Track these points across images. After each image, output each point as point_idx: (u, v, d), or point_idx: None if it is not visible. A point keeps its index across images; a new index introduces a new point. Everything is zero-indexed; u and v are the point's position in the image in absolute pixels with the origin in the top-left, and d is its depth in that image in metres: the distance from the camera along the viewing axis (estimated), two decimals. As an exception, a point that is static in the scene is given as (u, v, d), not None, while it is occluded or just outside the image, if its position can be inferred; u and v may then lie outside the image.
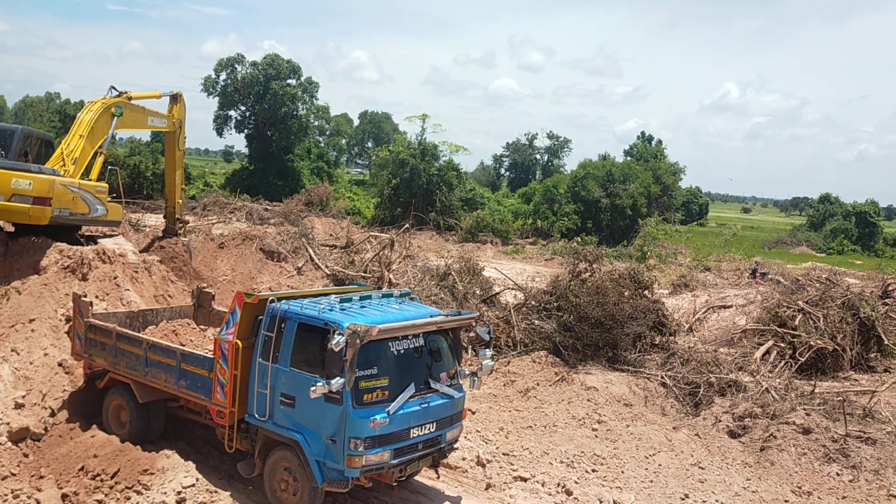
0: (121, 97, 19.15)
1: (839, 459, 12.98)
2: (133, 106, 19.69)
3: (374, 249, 25.41)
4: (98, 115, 18.42)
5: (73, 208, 16.88)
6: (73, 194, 16.74)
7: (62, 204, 16.41)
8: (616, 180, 60.36)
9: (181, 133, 21.98)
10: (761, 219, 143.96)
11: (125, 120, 19.26)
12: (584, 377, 16.18)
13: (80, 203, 17.17)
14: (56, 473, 10.83)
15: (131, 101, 19.48)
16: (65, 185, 16.55)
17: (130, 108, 19.54)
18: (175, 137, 21.84)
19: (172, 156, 22.38)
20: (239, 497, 10.30)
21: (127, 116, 19.23)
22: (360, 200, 65.84)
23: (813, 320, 19.49)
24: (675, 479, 12.39)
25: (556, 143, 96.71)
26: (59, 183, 16.29)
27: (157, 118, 21.08)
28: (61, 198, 16.38)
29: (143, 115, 20.33)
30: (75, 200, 16.86)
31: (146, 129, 21.24)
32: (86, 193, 17.28)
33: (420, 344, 10.23)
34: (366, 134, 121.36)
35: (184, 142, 22.28)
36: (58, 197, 16.24)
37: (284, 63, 65.97)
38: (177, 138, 21.83)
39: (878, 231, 77.91)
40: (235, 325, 10.29)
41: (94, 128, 18.28)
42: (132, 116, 19.69)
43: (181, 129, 21.86)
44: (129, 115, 19.44)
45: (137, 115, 20.05)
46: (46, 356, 13.54)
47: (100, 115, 18.45)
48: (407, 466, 10.06)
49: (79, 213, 17.29)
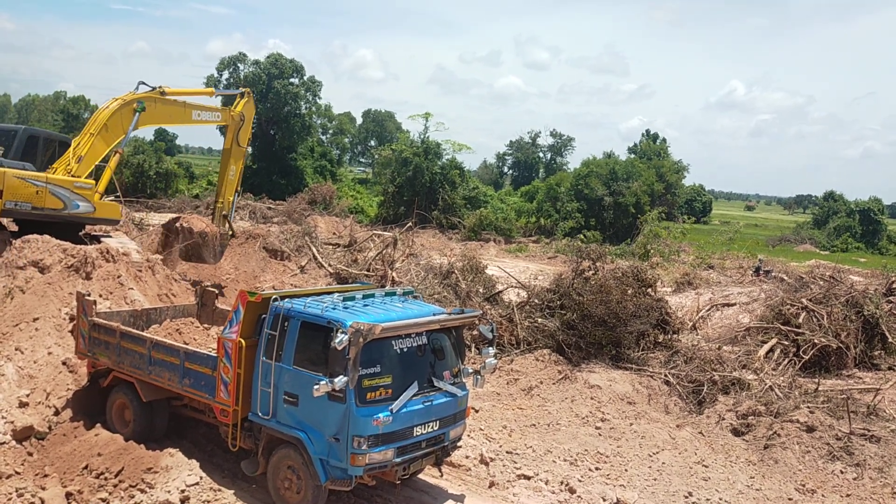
0: (153, 92, 18.92)
1: (843, 457, 12.96)
2: (168, 100, 19.37)
3: (377, 248, 25.41)
4: (113, 113, 18.22)
5: (36, 202, 16.88)
6: (35, 188, 16.71)
7: (18, 197, 16.51)
8: (619, 178, 60.31)
9: (244, 128, 21.58)
10: (765, 216, 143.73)
11: (155, 115, 19.05)
12: (587, 375, 16.17)
13: (50, 198, 17.14)
14: (60, 472, 10.85)
15: (165, 95, 19.18)
16: (22, 178, 16.60)
17: (164, 103, 19.21)
18: (234, 132, 21.44)
19: (228, 149, 21.80)
20: (242, 495, 10.32)
21: (158, 111, 18.99)
22: (363, 199, 65.86)
23: (817, 318, 19.44)
24: (678, 477, 12.38)
25: (560, 141, 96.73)
26: (12, 175, 16.38)
27: (207, 112, 20.83)
28: (18, 191, 16.49)
29: (185, 110, 20.09)
30: (41, 195, 16.83)
31: (192, 124, 20.60)
32: (58, 189, 17.25)
33: (423, 342, 10.23)
34: (369, 132, 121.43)
35: (246, 139, 21.86)
36: (11, 189, 16.32)
37: (287, 62, 66.06)
38: (235, 133, 21.40)
39: (882, 228, 77.69)
40: (239, 324, 10.30)
41: (109, 125, 18.14)
42: (166, 111, 19.43)
43: (243, 124, 21.45)
44: (163, 110, 19.20)
45: (174, 109, 19.76)
46: (50, 355, 13.57)
47: (115, 112, 18.24)
48: (410, 465, 10.07)
49: (48, 209, 17.22)
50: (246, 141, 21.79)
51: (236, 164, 21.60)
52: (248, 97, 21.86)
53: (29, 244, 16.47)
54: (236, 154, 21.55)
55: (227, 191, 21.57)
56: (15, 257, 16.19)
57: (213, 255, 20.72)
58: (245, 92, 21.99)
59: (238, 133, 21.32)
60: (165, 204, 41.46)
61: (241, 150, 21.74)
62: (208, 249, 20.42)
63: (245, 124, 21.41)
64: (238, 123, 21.28)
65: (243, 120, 21.30)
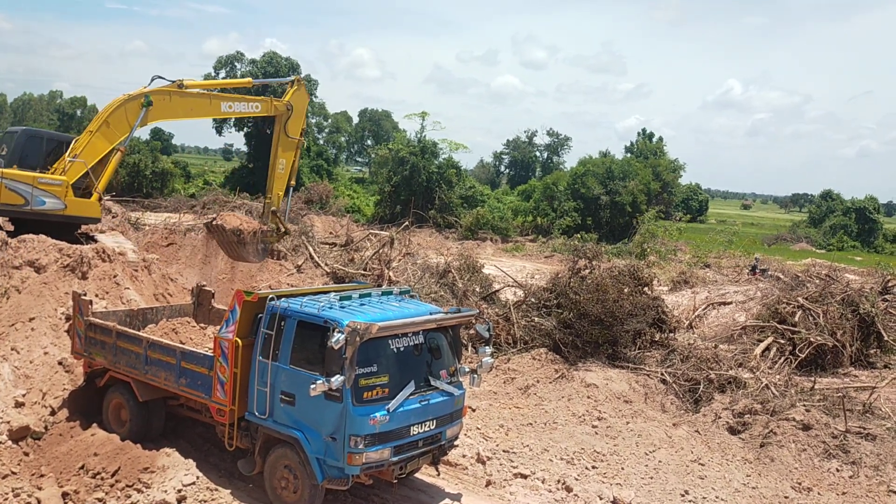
0: (170, 86, 18.15)
1: (839, 455, 12.99)
2: (186, 93, 18.46)
3: (374, 247, 25.39)
4: (115, 109, 17.77)
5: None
6: None
7: None
8: (616, 177, 60.36)
9: (293, 119, 19.73)
10: (761, 215, 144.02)
11: (171, 109, 18.33)
12: (583, 374, 16.18)
13: (6, 193, 17.06)
14: (56, 472, 10.84)
15: (183, 88, 18.30)
16: None
17: (181, 96, 18.33)
18: (282, 123, 19.70)
19: (276, 141, 20.00)
20: (239, 495, 10.31)
21: (174, 105, 18.24)
22: (359, 198, 65.85)
23: (813, 317, 19.50)
24: (675, 475, 12.40)
25: (556, 140, 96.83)
26: None
27: (242, 103, 19.54)
28: None
29: (211, 102, 18.98)
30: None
31: (222, 116, 20.96)
32: (17, 184, 17.16)
33: (420, 341, 10.23)
34: (365, 132, 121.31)
35: (298, 129, 19.94)
36: None
37: (283, 61, 65.95)
38: (283, 123, 19.62)
39: (878, 227, 77.96)
40: (235, 324, 10.30)
41: (111, 121, 17.73)
42: (185, 104, 18.54)
43: (292, 114, 19.71)
44: (180, 104, 18.38)
45: (196, 102, 18.76)
46: (46, 355, 13.54)
47: (117, 107, 17.77)
48: (407, 464, 10.08)
49: (6, 204, 17.19)
50: (298, 131, 19.95)
51: (286, 156, 19.76)
52: (299, 85, 20.23)
53: (25, 244, 16.43)
54: (285, 146, 19.78)
55: (276, 185, 19.82)
56: (11, 257, 16.14)
57: (255, 254, 19.28)
58: (295, 80, 20.32)
59: (286, 124, 19.60)
60: (161, 203, 41.33)
61: (291, 142, 19.91)
62: (247, 248, 19.01)
63: (295, 114, 19.72)
64: (286, 114, 19.63)
65: (291, 110, 19.65)
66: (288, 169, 19.73)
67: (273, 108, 19.57)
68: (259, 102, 19.65)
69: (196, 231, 26.75)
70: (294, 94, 19.89)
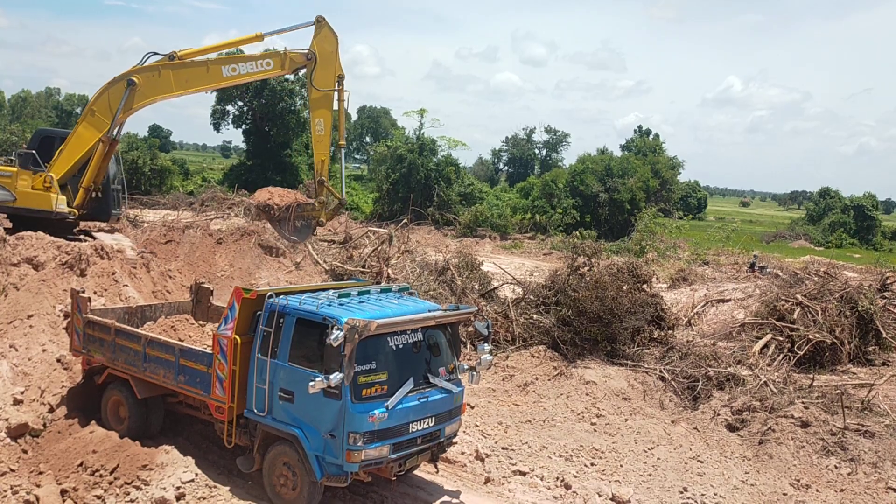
0: (161, 60, 16.58)
1: (837, 452, 13.01)
2: (179, 65, 16.47)
3: (373, 245, 25.38)
4: (99, 96, 16.87)
5: None
6: None
7: None
8: (615, 174, 60.32)
9: (319, 67, 16.15)
10: (760, 213, 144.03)
11: (163, 86, 16.54)
12: (582, 371, 16.20)
13: None
14: (55, 469, 10.84)
15: (175, 59, 16.44)
16: None
17: (174, 69, 16.45)
18: (310, 74, 16.35)
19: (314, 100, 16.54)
20: (238, 492, 10.31)
21: (164, 81, 16.49)
22: (358, 196, 65.76)
23: (811, 314, 19.50)
24: (673, 472, 12.41)
25: (555, 137, 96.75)
26: None
27: (248, 63, 16.63)
28: None
29: (209, 69, 16.53)
30: None
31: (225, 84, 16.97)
32: None
33: (419, 339, 10.23)
34: (364, 129, 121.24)
35: (330, 79, 16.14)
36: None
37: (282, 57, 65.77)
38: (310, 77, 16.32)
39: (877, 224, 77.90)
40: (234, 321, 10.29)
41: (96, 109, 16.92)
42: (180, 78, 16.51)
43: (316, 62, 16.12)
44: (172, 78, 16.49)
45: (191, 72, 16.53)
46: (45, 352, 13.54)
47: (101, 94, 16.81)
48: (406, 461, 10.08)
49: None
50: (330, 81, 16.18)
51: (322, 115, 16.29)
52: (323, 25, 16.31)
53: (23, 241, 16.42)
54: (317, 103, 16.36)
55: (318, 151, 16.65)
56: (9, 254, 16.13)
57: (293, 231, 16.46)
58: (317, 20, 16.37)
59: (312, 77, 16.19)
60: (160, 201, 41.29)
61: (324, 98, 16.29)
62: (280, 225, 16.39)
63: (320, 63, 16.08)
64: (309, 65, 16.24)
65: (314, 59, 16.08)
66: (328, 128, 16.26)
67: (289, 62, 16.46)
68: (270, 58, 16.61)
69: (194, 228, 26.73)
70: (317, 40, 16.31)
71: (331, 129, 16.33)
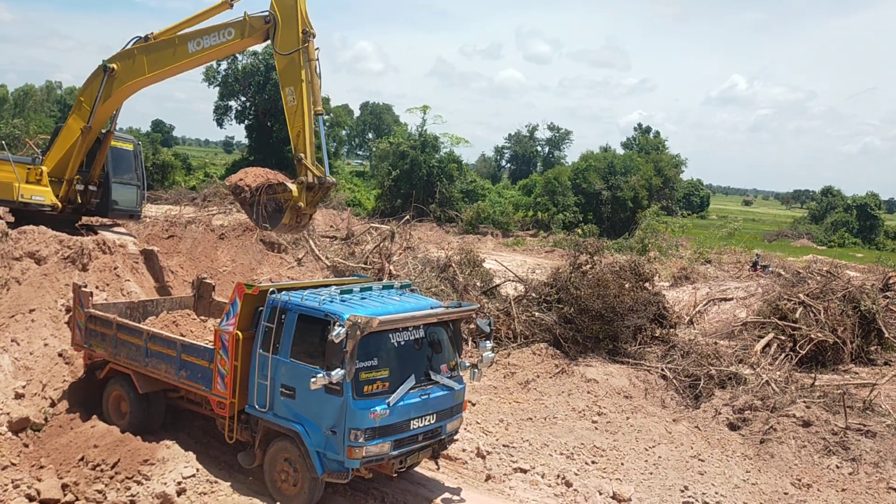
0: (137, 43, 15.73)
1: (839, 452, 12.98)
2: (151, 45, 15.46)
3: (375, 241, 25.37)
4: (86, 88, 16.52)
5: None
6: None
7: None
8: (617, 172, 60.30)
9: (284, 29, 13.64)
10: (762, 211, 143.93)
11: (139, 69, 15.64)
12: (584, 369, 16.18)
13: None
14: (56, 463, 10.84)
15: (149, 41, 15.49)
16: None
17: (147, 52, 15.47)
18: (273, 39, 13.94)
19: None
20: (239, 487, 10.31)
21: (138, 65, 15.60)
22: (360, 192, 65.80)
23: (813, 313, 19.46)
24: (674, 471, 12.40)
25: (557, 134, 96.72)
26: None
27: (211, 35, 14.82)
28: None
29: (175, 49, 15.16)
30: None
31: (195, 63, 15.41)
32: None
33: (420, 336, 10.22)
34: (366, 125, 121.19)
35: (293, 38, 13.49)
36: None
37: (284, 54, 65.78)
38: (273, 39, 13.89)
39: (879, 224, 77.83)
40: (236, 316, 10.29)
41: (83, 100, 16.64)
42: (153, 60, 15.43)
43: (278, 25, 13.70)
44: (146, 62, 15.51)
45: (162, 54, 15.35)
46: (46, 346, 13.55)
47: (87, 86, 16.44)
48: (407, 458, 10.07)
49: None
50: (292, 41, 13.55)
51: (291, 83, 13.67)
52: None
53: (25, 235, 16.43)
54: (285, 72, 13.78)
55: (293, 123, 13.81)
56: (11, 248, 16.15)
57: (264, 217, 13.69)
58: None
59: (276, 41, 13.84)
60: (162, 196, 41.35)
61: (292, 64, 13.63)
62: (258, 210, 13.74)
63: (283, 21, 13.63)
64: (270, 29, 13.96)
65: (273, 21, 13.76)
66: (300, 96, 13.62)
67: (249, 28, 14.37)
68: (231, 27, 14.66)
69: (196, 223, 26.74)
70: None
71: (302, 96, 13.62)
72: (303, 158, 13.53)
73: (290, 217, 13.48)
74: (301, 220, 13.81)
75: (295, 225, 13.85)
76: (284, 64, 13.74)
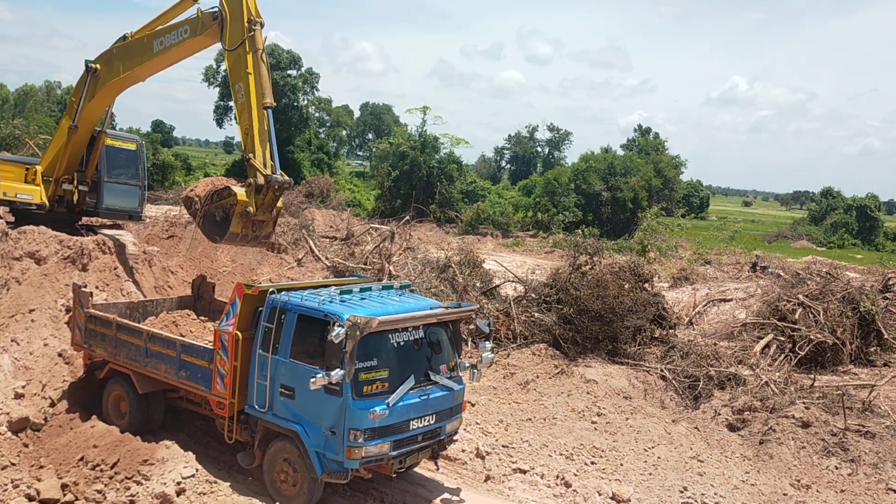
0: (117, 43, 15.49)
1: (838, 453, 12.99)
2: (128, 44, 15.07)
3: (375, 241, 25.38)
4: (76, 87, 16.49)
5: None
6: None
7: None
8: (617, 173, 60.33)
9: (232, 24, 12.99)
10: (762, 212, 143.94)
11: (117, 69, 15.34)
12: (583, 370, 16.18)
13: None
14: (56, 463, 10.85)
15: (126, 40, 15.20)
16: None
17: (124, 51, 15.08)
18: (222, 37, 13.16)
19: None
20: (238, 488, 10.32)
21: (115, 67, 15.33)
22: (360, 192, 65.80)
23: (813, 314, 19.47)
24: (674, 471, 12.40)
25: (557, 135, 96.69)
26: None
27: (171, 33, 14.20)
28: None
29: (143, 48, 14.69)
30: None
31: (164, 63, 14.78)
32: None
33: (420, 336, 10.23)
34: (367, 126, 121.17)
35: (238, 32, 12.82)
36: None
37: (284, 53, 65.82)
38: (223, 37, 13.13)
39: (879, 225, 77.85)
40: (235, 317, 10.29)
41: (74, 101, 16.69)
42: (130, 60, 15.00)
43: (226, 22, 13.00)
44: (124, 61, 15.11)
45: (136, 52, 14.88)
46: (46, 346, 13.55)
47: (77, 86, 16.39)
48: (406, 458, 10.08)
49: None
50: (238, 35, 12.84)
51: (240, 80, 12.85)
52: None
53: (25, 235, 16.44)
54: (234, 69, 12.99)
55: (241, 120, 12.93)
56: (11, 248, 16.16)
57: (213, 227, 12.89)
58: None
59: (225, 36, 13.08)
60: (162, 196, 41.34)
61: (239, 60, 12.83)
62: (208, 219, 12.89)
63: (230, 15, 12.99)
64: (213, 23, 13.30)
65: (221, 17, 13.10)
66: (248, 91, 12.69)
67: (201, 25, 13.59)
68: (187, 24, 13.88)
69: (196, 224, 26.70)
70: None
71: (254, 90, 12.68)
72: (251, 158, 12.45)
73: (239, 224, 12.35)
74: (258, 228, 12.62)
75: (249, 234, 12.56)
76: (233, 60, 12.99)
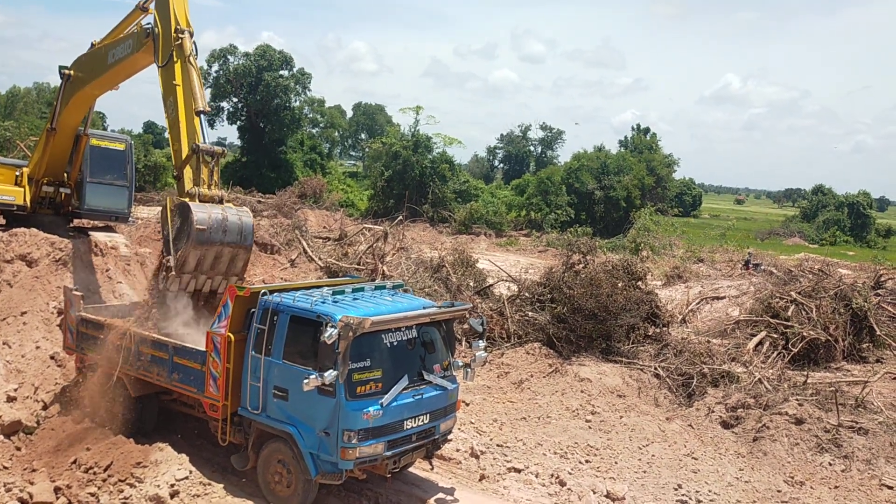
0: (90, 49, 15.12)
1: (831, 449, 13.04)
2: (92, 53, 14.74)
3: (368, 242, 25.34)
4: (57, 91, 16.49)
5: None
6: None
7: None
8: (610, 172, 60.47)
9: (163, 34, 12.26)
10: (754, 210, 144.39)
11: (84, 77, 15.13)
12: (577, 368, 16.20)
13: None
14: (48, 467, 10.81)
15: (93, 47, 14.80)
16: None
17: (89, 59, 14.85)
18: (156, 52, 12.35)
19: None
20: (232, 489, 10.28)
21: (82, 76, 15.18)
22: (353, 192, 65.75)
23: (806, 311, 19.55)
24: (668, 469, 12.43)
25: (550, 134, 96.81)
26: None
27: (120, 45, 13.59)
28: None
29: (100, 59, 14.34)
30: None
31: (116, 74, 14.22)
32: None
33: (413, 336, 10.21)
34: (359, 126, 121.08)
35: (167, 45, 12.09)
36: None
37: (276, 54, 65.65)
38: (156, 52, 12.34)
39: (871, 222, 78.22)
40: (228, 319, 10.24)
41: (55, 104, 16.72)
42: (92, 68, 14.72)
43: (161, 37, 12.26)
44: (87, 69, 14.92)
45: (97, 61, 14.50)
46: (38, 349, 13.50)
47: (57, 90, 16.43)
48: (401, 458, 10.08)
49: None
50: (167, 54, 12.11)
51: (171, 93, 11.96)
52: None
53: (16, 238, 16.37)
54: (166, 83, 12.08)
55: (171, 137, 12.05)
56: (2, 251, 16.08)
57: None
58: None
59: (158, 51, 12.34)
60: (154, 197, 41.21)
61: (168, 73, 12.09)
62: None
63: (162, 28, 12.30)
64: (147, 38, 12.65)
65: (155, 29, 12.39)
66: (178, 102, 11.83)
67: (137, 40, 13.01)
68: (130, 38, 13.33)
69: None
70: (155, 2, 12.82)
71: (183, 102, 11.83)
72: (181, 177, 11.59)
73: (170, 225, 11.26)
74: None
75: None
76: (164, 76, 12.17)
